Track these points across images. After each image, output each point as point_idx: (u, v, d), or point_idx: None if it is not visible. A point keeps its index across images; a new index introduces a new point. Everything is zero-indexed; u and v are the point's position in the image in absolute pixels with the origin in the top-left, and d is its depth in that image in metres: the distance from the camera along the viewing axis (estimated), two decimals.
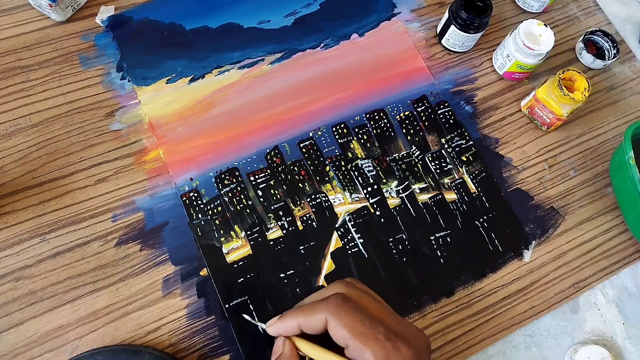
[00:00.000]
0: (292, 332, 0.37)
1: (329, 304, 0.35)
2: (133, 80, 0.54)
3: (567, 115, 0.54)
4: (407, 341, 0.34)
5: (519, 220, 0.54)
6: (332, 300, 0.35)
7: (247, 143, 0.53)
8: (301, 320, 0.36)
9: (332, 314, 0.35)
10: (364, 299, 0.37)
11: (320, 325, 0.35)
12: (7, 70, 0.52)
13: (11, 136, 0.50)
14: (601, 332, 0.51)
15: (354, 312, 0.35)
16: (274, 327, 0.38)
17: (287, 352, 0.37)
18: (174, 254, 0.48)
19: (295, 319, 0.37)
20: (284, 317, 0.38)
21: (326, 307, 0.35)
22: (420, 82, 0.58)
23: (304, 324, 0.36)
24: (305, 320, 0.36)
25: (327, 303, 0.35)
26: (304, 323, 0.36)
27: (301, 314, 0.37)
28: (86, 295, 0.46)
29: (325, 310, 0.35)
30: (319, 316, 0.35)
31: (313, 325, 0.36)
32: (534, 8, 0.63)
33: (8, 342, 0.43)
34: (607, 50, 0.62)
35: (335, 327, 0.34)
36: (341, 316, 0.34)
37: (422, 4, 0.62)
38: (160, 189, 0.50)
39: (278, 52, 0.57)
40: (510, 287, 0.51)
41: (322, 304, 0.36)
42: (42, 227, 0.47)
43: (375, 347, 0.33)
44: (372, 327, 0.34)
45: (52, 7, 0.52)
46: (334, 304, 0.35)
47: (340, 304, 0.35)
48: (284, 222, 0.51)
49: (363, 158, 0.54)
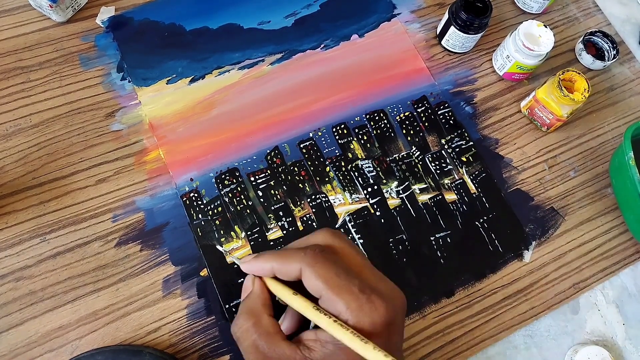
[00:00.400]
0: (265, 274, 0.36)
1: (306, 254, 0.34)
2: (133, 81, 0.54)
3: (567, 116, 0.54)
4: (381, 295, 0.33)
5: (519, 220, 0.54)
6: (309, 250, 0.34)
7: (248, 143, 0.53)
8: (276, 265, 0.35)
9: (307, 265, 0.33)
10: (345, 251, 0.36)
11: (294, 274, 0.34)
12: (7, 71, 0.52)
13: (12, 136, 0.50)
14: (601, 332, 0.51)
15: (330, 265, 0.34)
16: (248, 264, 0.37)
17: (257, 291, 0.36)
18: (174, 254, 0.48)
19: (270, 262, 0.36)
20: (260, 257, 0.37)
21: (303, 258, 0.34)
22: (420, 83, 0.58)
23: (278, 269, 0.35)
24: (280, 266, 0.35)
25: (305, 253, 0.34)
26: (278, 268, 0.35)
27: (277, 258, 0.35)
28: (86, 295, 0.46)
29: (302, 260, 0.34)
30: (294, 265, 0.34)
31: (286, 272, 0.35)
32: (533, 9, 0.64)
33: (8, 342, 0.43)
34: (607, 51, 0.63)
35: (309, 277, 0.33)
36: (316, 267, 0.33)
37: (422, 5, 0.63)
38: (160, 190, 0.50)
39: (278, 52, 0.58)
40: (511, 288, 0.51)
41: (299, 253, 0.34)
42: (43, 227, 0.47)
43: (349, 298, 0.32)
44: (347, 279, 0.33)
45: (52, 8, 0.52)
46: (311, 255, 0.34)
47: (318, 255, 0.34)
48: (284, 223, 0.51)
49: (363, 158, 0.54)
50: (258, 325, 0.34)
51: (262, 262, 0.36)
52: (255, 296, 0.36)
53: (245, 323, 0.34)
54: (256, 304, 0.35)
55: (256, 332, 0.34)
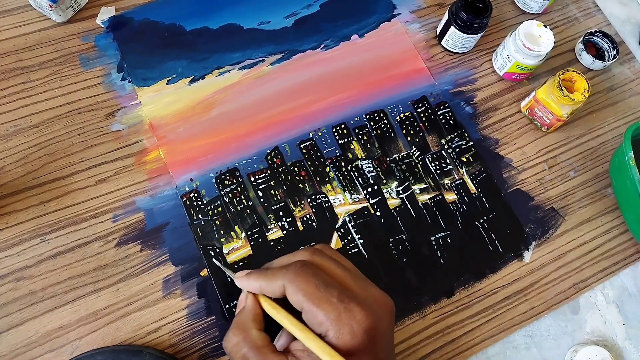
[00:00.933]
0: (255, 291, 0.38)
1: (287, 271, 0.35)
2: (133, 81, 0.54)
3: (567, 116, 0.54)
4: (361, 303, 0.34)
5: (519, 220, 0.54)
6: (291, 267, 0.36)
7: (248, 144, 0.53)
8: (262, 283, 0.37)
9: (289, 280, 0.35)
10: (325, 264, 0.37)
11: (279, 291, 0.36)
12: (7, 71, 0.52)
13: (12, 137, 0.50)
14: (601, 332, 0.51)
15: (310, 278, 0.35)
16: (240, 281, 0.39)
17: (248, 306, 0.38)
18: (175, 255, 0.48)
19: (258, 281, 0.37)
20: (250, 275, 0.38)
21: (285, 274, 0.35)
22: (420, 83, 0.58)
23: (264, 288, 0.37)
24: (266, 285, 0.37)
25: (287, 270, 0.36)
26: (265, 287, 0.37)
27: (263, 277, 0.37)
28: (86, 295, 0.46)
29: (284, 277, 0.35)
30: (277, 282, 0.36)
31: (272, 290, 0.36)
32: (533, 9, 0.64)
33: (8, 343, 0.43)
34: (607, 51, 0.63)
35: (291, 292, 0.35)
36: (297, 282, 0.34)
37: (422, 5, 0.63)
38: (160, 190, 0.50)
39: (278, 52, 0.58)
40: (511, 288, 0.51)
41: (281, 271, 0.36)
42: (43, 227, 0.47)
43: (328, 309, 0.33)
44: (326, 290, 0.34)
45: (52, 8, 0.52)
46: (292, 271, 0.35)
47: (299, 271, 0.35)
48: (284, 223, 0.51)
49: (363, 159, 0.54)
50: (247, 339, 0.35)
51: (252, 280, 0.38)
52: (246, 311, 0.38)
53: (235, 337, 0.36)
54: (246, 319, 0.37)
55: (245, 345, 0.35)
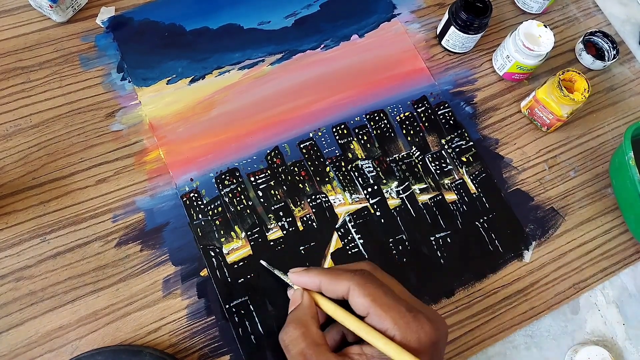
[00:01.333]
0: (312, 287, 0.38)
1: (355, 274, 0.36)
2: (133, 81, 0.54)
3: (567, 116, 0.54)
4: (428, 317, 0.35)
5: (519, 220, 0.54)
6: (358, 272, 0.36)
7: (248, 144, 0.53)
8: (324, 280, 0.37)
9: (356, 284, 0.35)
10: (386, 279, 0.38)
11: (341, 292, 0.36)
12: (7, 71, 0.52)
13: (12, 137, 0.50)
14: (601, 332, 0.51)
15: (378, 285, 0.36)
16: (297, 275, 0.39)
17: (307, 302, 0.38)
18: (175, 255, 0.48)
19: (319, 277, 0.38)
20: (309, 271, 0.39)
21: (352, 277, 0.36)
22: (420, 83, 0.58)
23: (326, 285, 0.37)
24: (329, 282, 0.37)
25: (354, 274, 0.36)
26: (327, 284, 0.37)
27: (327, 275, 0.37)
28: (86, 295, 0.46)
29: (351, 279, 0.36)
30: (343, 283, 0.36)
31: (334, 290, 0.36)
32: (533, 9, 0.64)
33: (8, 343, 0.43)
34: (607, 51, 0.63)
35: (358, 295, 0.35)
36: (365, 286, 0.35)
37: (422, 5, 0.63)
38: (160, 190, 0.50)
39: (278, 52, 0.58)
40: (511, 288, 0.51)
41: (348, 273, 0.36)
42: (43, 227, 0.47)
43: (396, 316, 0.34)
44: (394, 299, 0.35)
45: (52, 8, 0.52)
46: (360, 275, 0.36)
47: (367, 277, 0.36)
48: (284, 223, 0.51)
49: (363, 159, 0.54)
50: (306, 335, 0.35)
51: (311, 276, 0.38)
52: (304, 307, 0.38)
53: (294, 332, 0.36)
54: (305, 315, 0.37)
55: (304, 341, 0.35)
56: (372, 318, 0.35)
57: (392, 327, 0.34)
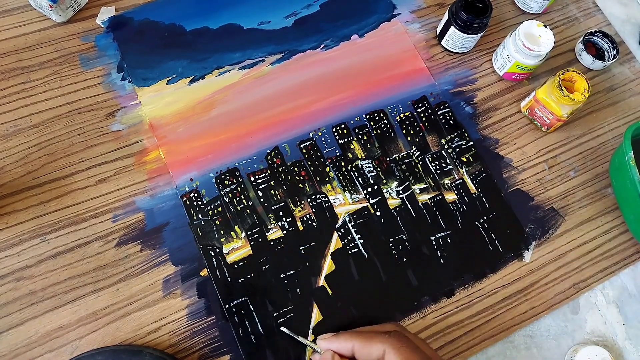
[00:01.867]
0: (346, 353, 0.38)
1: (390, 336, 0.36)
2: (133, 81, 0.54)
3: (567, 116, 0.54)
4: None
5: (519, 220, 0.54)
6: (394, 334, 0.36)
7: (248, 143, 0.53)
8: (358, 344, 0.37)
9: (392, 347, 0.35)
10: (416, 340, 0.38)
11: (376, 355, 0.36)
12: (7, 71, 0.52)
13: (12, 137, 0.50)
14: (601, 332, 0.51)
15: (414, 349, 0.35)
16: (327, 341, 0.39)
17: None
18: (175, 255, 0.48)
19: (351, 341, 0.37)
20: (340, 335, 0.38)
21: (387, 339, 0.36)
22: (420, 83, 0.58)
23: (359, 350, 0.37)
24: (362, 346, 0.36)
25: (389, 335, 0.36)
26: (360, 348, 0.36)
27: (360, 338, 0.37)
28: (86, 295, 0.46)
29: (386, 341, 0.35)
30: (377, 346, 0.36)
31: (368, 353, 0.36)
32: (533, 9, 0.64)
33: (8, 343, 0.43)
34: (607, 51, 0.63)
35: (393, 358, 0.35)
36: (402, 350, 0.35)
37: (422, 5, 0.63)
38: (160, 190, 0.50)
39: (278, 52, 0.58)
40: (511, 288, 0.51)
41: (383, 335, 0.36)
42: (43, 227, 0.47)
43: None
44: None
45: (52, 8, 0.52)
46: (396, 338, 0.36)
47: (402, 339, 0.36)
48: (284, 223, 0.51)
49: (363, 159, 0.54)
50: None
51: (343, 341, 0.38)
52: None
53: None
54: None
55: None
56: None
57: None
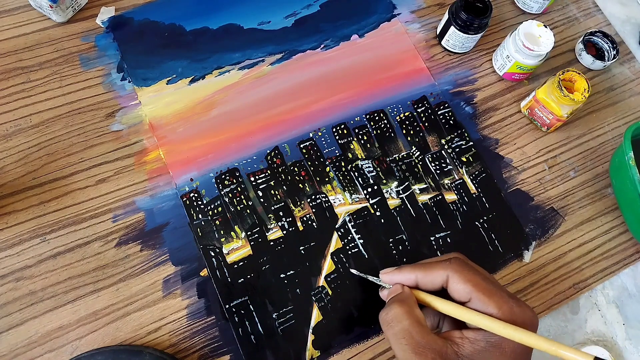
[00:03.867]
0: (409, 283, 0.38)
1: (452, 262, 0.36)
2: (133, 81, 0.54)
3: (567, 116, 0.54)
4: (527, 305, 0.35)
5: (519, 220, 0.54)
6: (454, 260, 0.37)
7: (248, 144, 0.53)
8: (420, 274, 0.37)
9: (454, 271, 0.36)
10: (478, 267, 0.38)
11: (439, 282, 0.36)
12: (7, 71, 0.52)
13: (12, 137, 0.50)
14: (601, 332, 0.51)
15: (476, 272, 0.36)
16: (391, 275, 0.39)
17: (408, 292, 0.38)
18: (175, 255, 0.48)
19: (414, 273, 0.38)
20: (402, 268, 0.39)
21: (449, 265, 0.36)
22: (420, 83, 0.58)
23: (422, 279, 0.37)
24: (425, 275, 0.37)
25: (450, 262, 0.36)
26: (423, 278, 0.37)
27: (421, 268, 0.37)
28: (86, 295, 0.46)
29: (448, 267, 0.36)
30: (439, 272, 0.36)
31: (432, 281, 0.37)
32: (533, 9, 0.64)
33: (8, 343, 0.43)
34: (607, 51, 0.63)
35: (457, 282, 0.35)
36: (464, 272, 0.35)
37: (422, 5, 0.63)
38: (160, 190, 0.50)
39: (278, 53, 0.58)
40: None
41: (444, 262, 0.37)
42: (43, 227, 0.47)
43: (500, 301, 0.34)
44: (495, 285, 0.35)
45: (52, 8, 0.52)
46: (456, 263, 0.36)
47: (463, 264, 0.36)
48: (284, 223, 0.51)
49: (363, 159, 0.54)
50: (411, 313, 0.36)
51: (406, 273, 0.38)
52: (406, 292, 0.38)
53: (398, 309, 0.36)
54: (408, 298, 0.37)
55: (409, 319, 0.35)
56: (475, 303, 0.35)
57: (497, 312, 0.34)
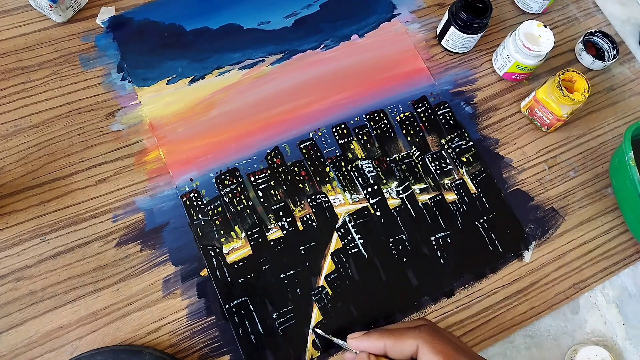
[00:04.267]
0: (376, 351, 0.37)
1: (421, 331, 0.36)
2: (133, 81, 0.54)
3: (567, 116, 0.54)
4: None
5: (519, 220, 0.54)
6: (424, 328, 0.36)
7: (248, 144, 0.53)
8: (389, 342, 0.36)
9: (425, 341, 0.35)
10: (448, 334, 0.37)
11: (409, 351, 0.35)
12: (7, 71, 0.52)
13: (12, 137, 0.50)
14: (601, 332, 0.51)
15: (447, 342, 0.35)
16: (358, 341, 0.38)
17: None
18: (174, 255, 0.48)
19: (382, 340, 0.37)
20: (371, 334, 0.38)
21: (419, 334, 0.35)
22: (420, 83, 0.58)
23: (391, 347, 0.36)
24: (394, 344, 0.36)
25: (420, 330, 0.36)
26: (392, 346, 0.36)
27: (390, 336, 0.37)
28: (86, 295, 0.46)
29: (418, 336, 0.35)
30: (409, 342, 0.35)
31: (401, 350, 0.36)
32: (533, 9, 0.64)
33: (8, 343, 0.43)
34: (607, 51, 0.63)
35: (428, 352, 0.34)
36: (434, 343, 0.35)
37: (422, 5, 0.63)
38: (160, 190, 0.50)
39: (278, 53, 0.58)
40: (511, 288, 0.51)
41: (414, 331, 0.36)
42: (43, 227, 0.47)
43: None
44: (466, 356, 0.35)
45: (52, 8, 0.52)
46: (426, 332, 0.35)
47: (433, 333, 0.36)
48: (284, 223, 0.51)
49: (363, 159, 0.54)
50: None
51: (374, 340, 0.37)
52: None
53: None
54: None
55: None
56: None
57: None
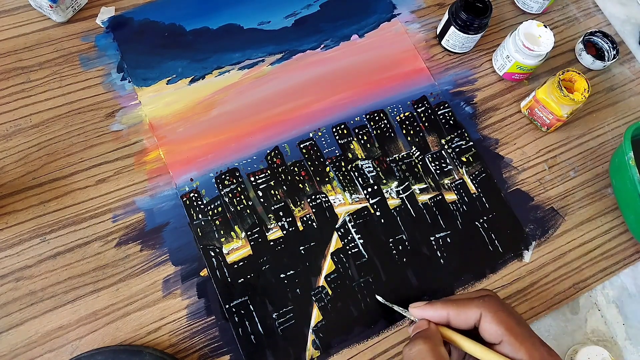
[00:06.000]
0: (441, 320, 0.37)
1: (485, 301, 0.36)
2: (133, 81, 0.54)
3: (566, 116, 0.54)
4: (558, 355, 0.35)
5: (519, 220, 0.54)
6: (489, 298, 0.36)
7: (248, 144, 0.53)
8: (452, 311, 0.36)
9: (488, 310, 0.35)
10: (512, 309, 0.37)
11: (472, 320, 0.36)
12: (7, 71, 0.52)
13: (12, 137, 0.50)
14: (601, 332, 0.51)
15: (510, 313, 0.35)
16: (421, 310, 0.38)
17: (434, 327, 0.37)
18: (174, 255, 0.48)
19: (446, 309, 0.37)
20: (434, 304, 0.38)
21: (482, 304, 0.36)
22: (420, 83, 0.58)
23: (454, 316, 0.36)
24: (458, 313, 0.36)
25: (484, 300, 0.36)
26: (455, 315, 0.36)
27: (454, 305, 0.37)
28: (86, 295, 0.46)
29: (482, 306, 0.35)
30: (473, 310, 0.36)
31: (464, 319, 0.36)
32: (533, 9, 0.64)
33: (8, 343, 0.43)
34: (607, 51, 0.63)
35: (490, 322, 0.35)
36: (499, 313, 0.35)
37: (422, 5, 0.63)
38: (160, 190, 0.50)
39: (278, 53, 0.58)
40: (511, 288, 0.51)
41: (478, 300, 0.36)
42: (43, 227, 0.47)
43: (531, 348, 0.34)
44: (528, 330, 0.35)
45: (52, 8, 0.52)
46: (490, 302, 0.36)
47: (497, 303, 0.36)
48: (284, 223, 0.51)
49: (363, 159, 0.54)
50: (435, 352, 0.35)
51: (438, 308, 0.37)
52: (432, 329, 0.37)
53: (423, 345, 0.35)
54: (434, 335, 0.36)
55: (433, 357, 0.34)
56: (505, 347, 0.34)
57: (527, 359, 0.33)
